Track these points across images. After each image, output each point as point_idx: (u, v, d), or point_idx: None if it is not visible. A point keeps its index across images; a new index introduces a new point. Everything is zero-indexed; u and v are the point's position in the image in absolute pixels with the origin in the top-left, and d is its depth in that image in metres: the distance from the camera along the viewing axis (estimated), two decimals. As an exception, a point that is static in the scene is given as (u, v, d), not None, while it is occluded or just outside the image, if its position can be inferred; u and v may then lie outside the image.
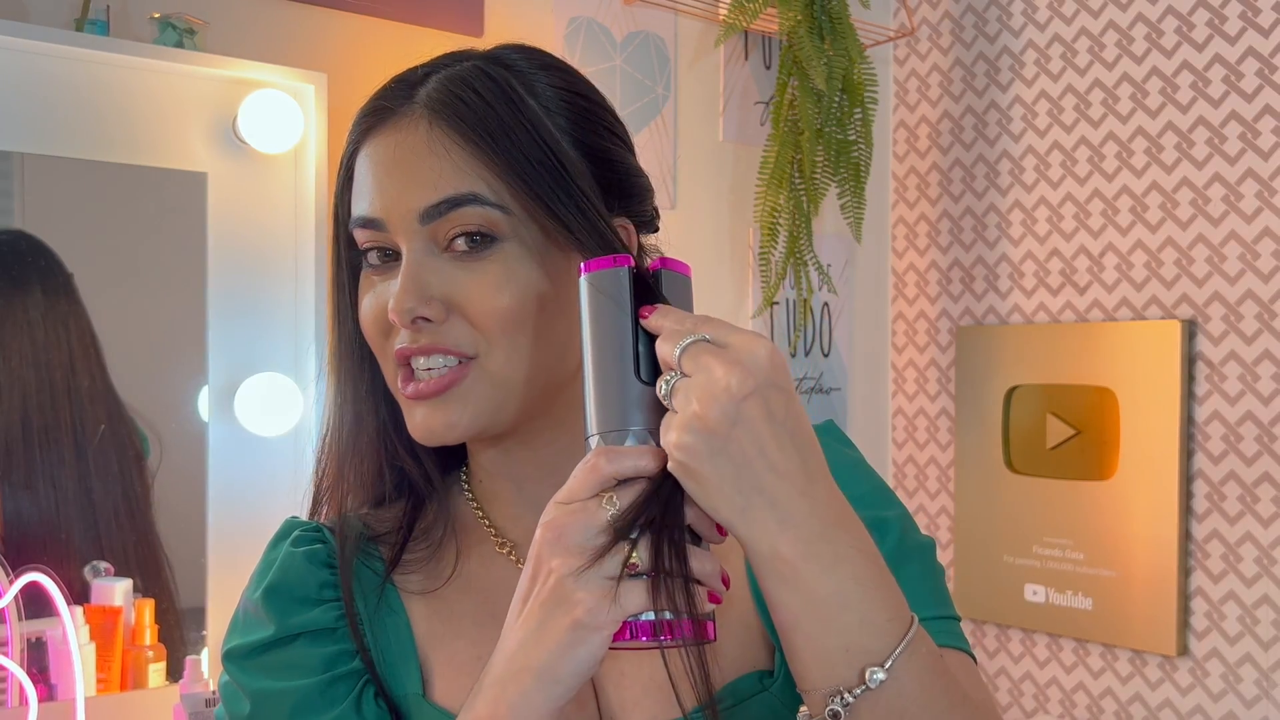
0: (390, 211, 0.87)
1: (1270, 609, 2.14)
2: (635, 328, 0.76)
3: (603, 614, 0.70)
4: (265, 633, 0.91)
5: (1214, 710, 2.21)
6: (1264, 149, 2.15)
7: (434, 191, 0.85)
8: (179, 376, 1.82)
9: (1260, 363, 2.15)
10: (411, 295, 0.85)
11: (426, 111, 0.88)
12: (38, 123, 1.67)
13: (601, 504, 0.72)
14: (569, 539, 0.72)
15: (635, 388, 0.75)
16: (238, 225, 1.83)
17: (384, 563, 0.94)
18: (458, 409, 0.87)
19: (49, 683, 1.64)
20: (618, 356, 0.75)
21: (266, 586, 0.92)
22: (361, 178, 0.91)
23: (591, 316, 0.77)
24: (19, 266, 1.67)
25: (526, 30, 2.17)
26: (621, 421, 0.75)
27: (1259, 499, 2.16)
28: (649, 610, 0.71)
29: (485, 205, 0.85)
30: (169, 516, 1.80)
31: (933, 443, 2.70)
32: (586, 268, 0.78)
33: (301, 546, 0.95)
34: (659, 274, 0.78)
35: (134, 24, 1.78)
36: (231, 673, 0.91)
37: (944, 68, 2.67)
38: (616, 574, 0.71)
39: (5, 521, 1.65)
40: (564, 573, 0.71)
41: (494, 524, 0.96)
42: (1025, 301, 2.52)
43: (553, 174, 0.86)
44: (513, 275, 0.86)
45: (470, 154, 0.86)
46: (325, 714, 0.87)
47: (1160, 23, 2.29)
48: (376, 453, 0.96)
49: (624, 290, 0.76)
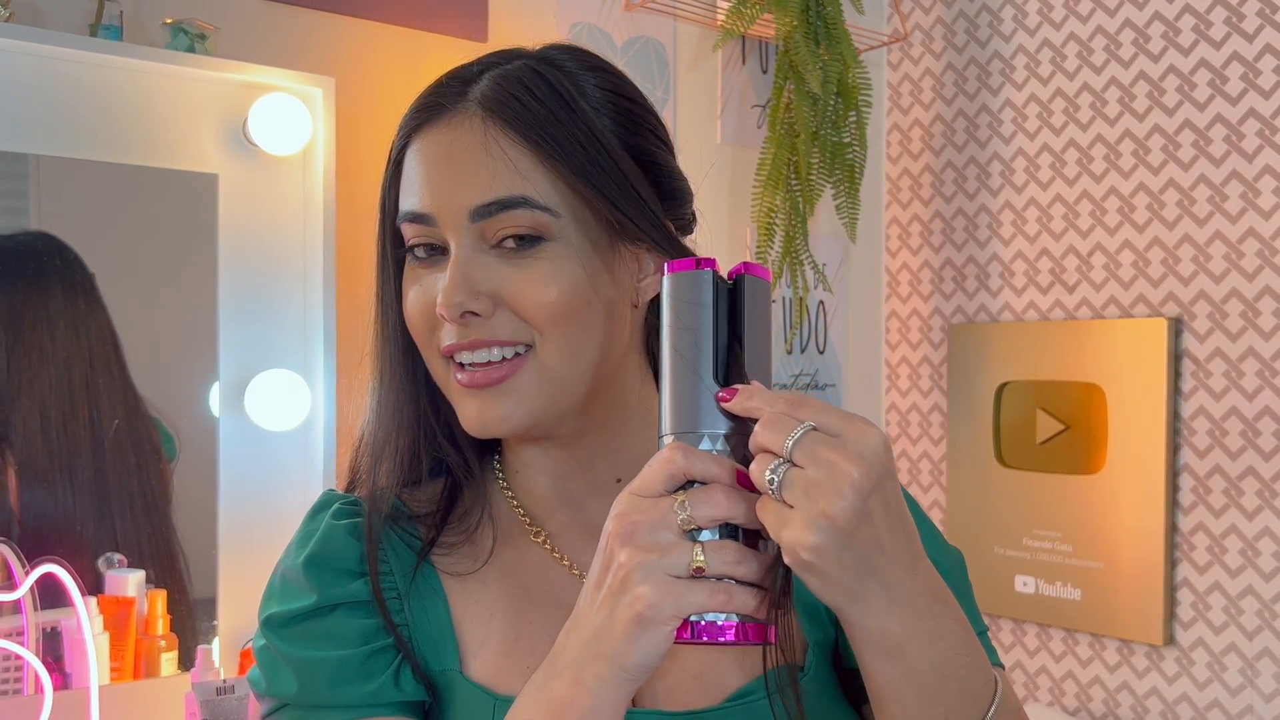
0: (441, 207, 0.87)
1: (1254, 599, 2.14)
2: (715, 332, 0.75)
3: (665, 610, 0.70)
4: (306, 601, 0.90)
5: (1199, 698, 2.21)
6: (1248, 151, 2.15)
7: (487, 191, 0.85)
8: (191, 373, 1.82)
9: (1244, 360, 2.15)
10: (460, 290, 0.85)
11: (481, 110, 0.87)
12: (53, 125, 1.67)
13: (674, 505, 0.72)
14: (640, 535, 0.72)
15: (712, 392, 0.74)
16: (248, 225, 1.83)
17: (421, 542, 0.94)
18: (512, 402, 0.87)
19: (64, 671, 1.64)
20: (696, 360, 0.74)
21: (308, 555, 0.92)
22: (412, 172, 0.90)
23: (672, 319, 0.76)
24: (37, 266, 1.67)
25: (529, 35, 2.17)
26: (696, 424, 0.74)
27: (1243, 493, 2.16)
28: (710, 611, 0.71)
29: (535, 208, 0.85)
30: (181, 509, 1.80)
31: (925, 437, 2.70)
32: (670, 269, 0.76)
33: (343, 519, 0.94)
34: (741, 279, 0.76)
35: (147, 29, 1.78)
36: (270, 639, 0.91)
37: (936, 72, 2.67)
38: (682, 573, 0.71)
39: (23, 513, 1.65)
40: (631, 566, 0.71)
41: (528, 513, 0.96)
42: (1016, 300, 2.52)
43: (614, 176, 0.87)
44: (560, 272, 0.86)
45: (525, 155, 0.85)
46: (365, 685, 0.87)
47: (1147, 28, 2.29)
48: (415, 438, 0.95)
49: (707, 294, 0.75)
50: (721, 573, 0.71)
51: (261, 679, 0.91)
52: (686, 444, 0.74)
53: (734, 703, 0.88)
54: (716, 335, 0.75)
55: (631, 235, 0.88)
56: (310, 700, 0.88)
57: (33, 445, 1.66)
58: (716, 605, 0.70)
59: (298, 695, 0.88)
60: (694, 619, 0.71)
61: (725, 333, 0.75)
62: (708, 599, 0.70)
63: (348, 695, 0.87)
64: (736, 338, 0.75)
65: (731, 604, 0.70)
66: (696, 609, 0.71)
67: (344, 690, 0.87)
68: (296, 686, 0.88)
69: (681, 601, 0.70)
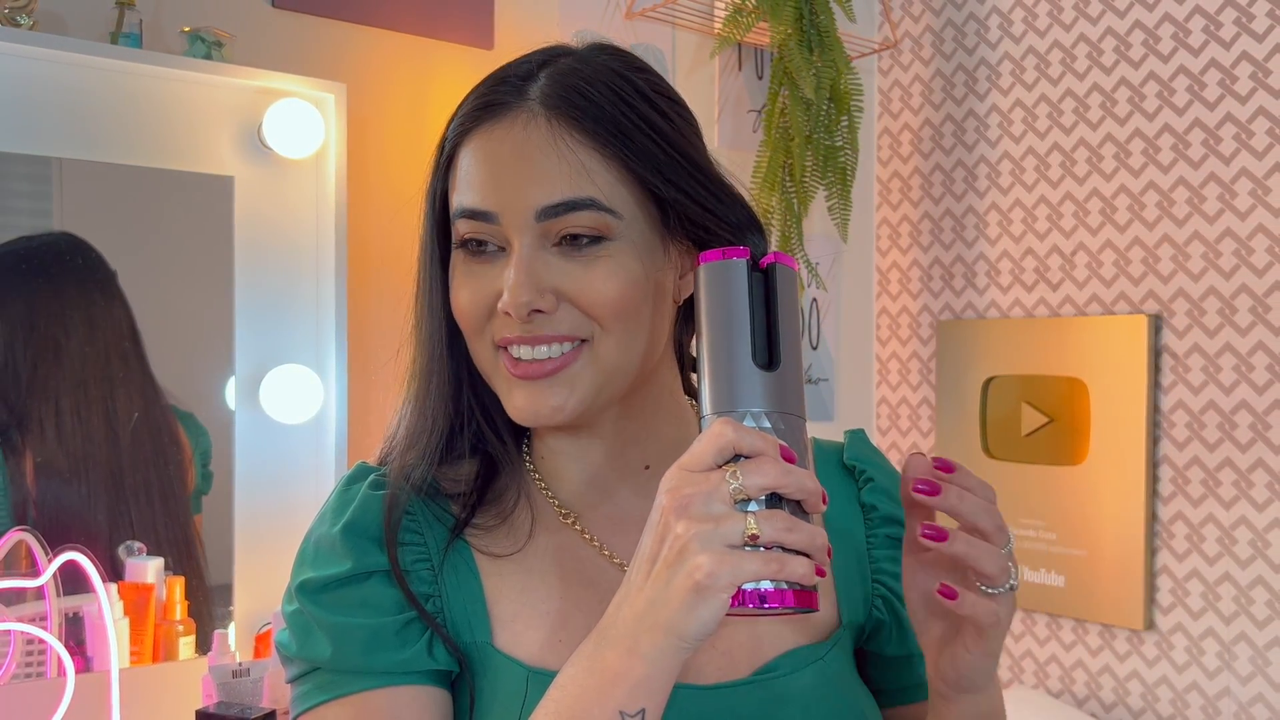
0: (506, 206, 0.85)
1: (1231, 586, 2.14)
2: (752, 316, 0.76)
3: (723, 577, 0.70)
4: (342, 567, 0.88)
5: (1178, 681, 2.22)
6: (1225, 154, 2.15)
7: (555, 191, 0.83)
8: (208, 367, 1.82)
9: (1221, 355, 2.15)
10: (528, 289, 0.83)
11: (544, 108, 0.85)
12: (75, 129, 1.67)
13: (726, 476, 0.72)
14: (695, 507, 0.72)
15: (751, 372, 0.75)
16: (263, 226, 1.83)
17: (454, 519, 0.93)
18: (564, 392, 0.86)
19: (85, 655, 1.65)
20: (737, 342, 0.75)
21: (346, 523, 0.90)
22: (471, 169, 0.87)
23: (710, 305, 0.77)
24: (60, 265, 1.67)
25: (534, 42, 2.16)
26: (737, 403, 0.75)
27: (1220, 483, 2.16)
28: (764, 579, 0.71)
29: (601, 210, 0.84)
30: (199, 499, 1.80)
31: (915, 430, 2.70)
32: (705, 258, 0.78)
33: (379, 490, 0.92)
34: (773, 267, 0.77)
35: (165, 37, 1.78)
36: (304, 604, 0.89)
37: (925, 78, 2.66)
38: (738, 541, 0.71)
39: (43, 502, 1.65)
40: (689, 537, 0.71)
41: (556, 496, 0.95)
42: (1001, 297, 2.52)
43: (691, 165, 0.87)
44: (621, 268, 0.85)
45: (592, 152, 0.84)
46: (399, 653, 0.86)
47: (1128, 35, 2.29)
48: (453, 424, 0.94)
49: (742, 281, 0.76)
50: (774, 540, 0.71)
51: (292, 642, 0.89)
52: None
53: (761, 676, 0.89)
54: (754, 319, 0.76)
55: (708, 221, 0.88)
56: (344, 665, 0.86)
57: (51, 437, 1.66)
58: (770, 572, 0.71)
59: (331, 660, 0.86)
60: (746, 587, 0.72)
61: (761, 317, 0.77)
62: (762, 566, 0.70)
63: (382, 662, 0.86)
64: (771, 321, 0.77)
65: (784, 571, 0.71)
66: (752, 576, 0.71)
67: (378, 657, 0.86)
68: (331, 651, 0.86)
69: (739, 569, 0.70)
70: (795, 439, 0.76)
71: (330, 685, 0.86)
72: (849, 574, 0.96)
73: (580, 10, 2.26)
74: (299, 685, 0.89)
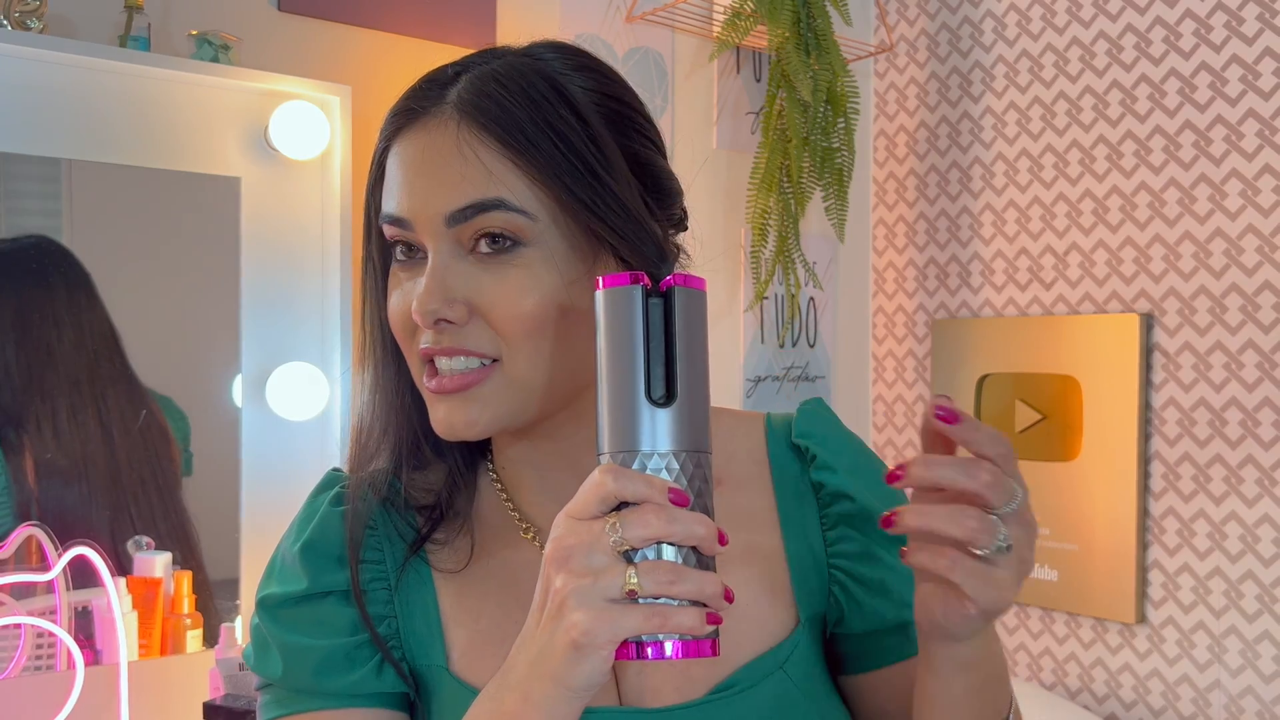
0: (417, 212, 0.82)
1: (1221, 580, 2.15)
2: (648, 348, 0.70)
3: (600, 635, 0.67)
4: (298, 586, 0.87)
5: (1169, 673, 2.22)
6: (1216, 156, 2.15)
7: (460, 195, 0.80)
8: (215, 365, 1.82)
9: (1212, 353, 2.16)
10: (435, 297, 0.81)
11: (456, 113, 0.82)
12: (85, 131, 1.67)
13: (606, 527, 0.68)
14: (575, 560, 0.68)
15: (644, 409, 0.69)
16: (269, 226, 1.84)
17: (416, 532, 0.90)
18: (478, 408, 0.82)
19: (95, 648, 1.65)
20: (629, 377, 0.70)
21: (304, 542, 0.89)
22: (391, 176, 0.86)
23: (605, 334, 0.71)
24: (39, 267, 1.66)
25: (535, 46, 2.17)
26: (631, 443, 0.69)
27: (1211, 479, 2.16)
28: (644, 634, 0.67)
29: (510, 211, 0.80)
30: (205, 493, 1.80)
31: (910, 427, 2.70)
32: (604, 284, 0.71)
33: (341, 505, 0.91)
34: (672, 291, 0.70)
35: (173, 40, 1.78)
36: (263, 619, 0.88)
37: (920, 81, 2.67)
38: (616, 596, 0.67)
39: (45, 500, 1.65)
40: (567, 592, 0.68)
41: (518, 509, 0.92)
42: (995, 296, 2.52)
43: (593, 177, 0.81)
44: (536, 281, 0.81)
45: (499, 157, 0.80)
46: (348, 676, 0.85)
47: (1120, 39, 2.29)
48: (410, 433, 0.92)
49: (636, 309, 0.70)
50: (656, 594, 0.67)
51: (252, 655, 0.89)
52: (620, 463, 0.69)
53: (718, 695, 0.86)
54: (649, 351, 0.70)
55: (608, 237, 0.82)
56: (294, 685, 0.86)
57: (48, 435, 1.65)
58: (652, 628, 0.66)
59: (282, 678, 0.86)
60: (632, 639, 0.67)
61: (660, 347, 0.70)
62: (643, 623, 0.67)
63: (331, 684, 0.85)
64: (670, 352, 0.70)
65: (667, 625, 0.67)
66: (631, 633, 0.67)
67: (327, 679, 0.85)
68: (282, 670, 0.86)
69: (616, 627, 0.67)
70: (696, 475, 0.70)
71: (285, 701, 0.87)
72: (803, 565, 0.91)
73: (581, 14, 2.27)
74: (262, 695, 0.89)
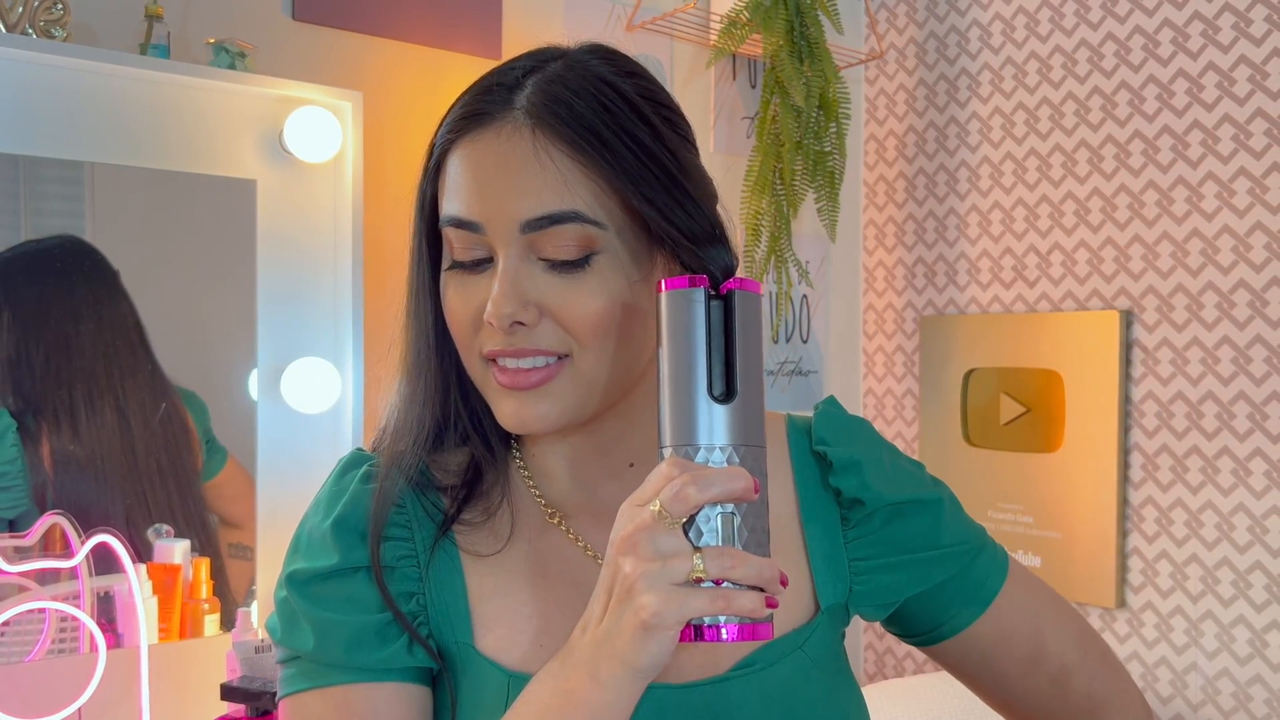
0: (491, 218, 0.81)
1: (1198, 566, 2.15)
2: (709, 348, 0.73)
3: (669, 616, 0.69)
4: (329, 561, 0.86)
5: (1148, 656, 2.23)
6: (1193, 159, 2.15)
7: (539, 204, 0.79)
8: (232, 360, 1.83)
9: (1189, 349, 2.16)
10: (511, 301, 0.80)
11: (529, 119, 0.81)
12: (106, 135, 1.68)
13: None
14: (643, 546, 0.70)
15: (706, 405, 0.72)
16: (284, 226, 1.84)
17: (444, 514, 0.90)
18: (548, 403, 0.83)
19: (116, 632, 1.65)
20: (691, 375, 0.72)
21: (336, 517, 0.88)
22: (458, 178, 0.83)
23: (669, 334, 0.73)
24: (65, 265, 1.66)
25: (538, 53, 2.17)
26: (693, 436, 0.72)
27: (1188, 469, 2.17)
28: (710, 615, 0.69)
29: (585, 223, 0.80)
30: (213, 472, 1.81)
31: (899, 419, 2.71)
32: (667, 286, 0.74)
33: (370, 483, 0.89)
34: (732, 294, 0.73)
35: (191, 48, 1.78)
36: (293, 595, 0.87)
37: (909, 87, 2.67)
38: (682, 580, 0.69)
39: (66, 489, 1.65)
40: (636, 576, 0.70)
41: (544, 495, 0.92)
42: (981, 294, 2.53)
43: (669, 180, 0.82)
44: (604, 285, 0.81)
45: (573, 164, 0.80)
46: (379, 651, 0.84)
47: (1101, 46, 2.29)
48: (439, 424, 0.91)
49: (699, 311, 0.73)
50: (719, 578, 0.69)
51: (279, 629, 0.87)
52: (683, 456, 0.72)
53: (738, 671, 0.86)
54: (710, 350, 0.73)
55: (679, 239, 0.82)
56: (325, 659, 0.84)
57: (67, 426, 1.65)
58: (716, 610, 0.69)
59: (314, 652, 0.85)
60: (695, 621, 0.70)
61: (720, 347, 0.73)
62: (708, 605, 0.69)
63: (362, 659, 0.84)
64: (729, 351, 0.73)
65: (730, 608, 0.69)
66: (697, 614, 0.69)
67: (359, 654, 0.84)
68: (314, 644, 0.85)
69: (684, 609, 0.69)
70: (755, 470, 0.73)
71: (313, 674, 0.85)
72: (825, 562, 0.92)
73: (583, 23, 2.27)
74: (286, 668, 0.87)
